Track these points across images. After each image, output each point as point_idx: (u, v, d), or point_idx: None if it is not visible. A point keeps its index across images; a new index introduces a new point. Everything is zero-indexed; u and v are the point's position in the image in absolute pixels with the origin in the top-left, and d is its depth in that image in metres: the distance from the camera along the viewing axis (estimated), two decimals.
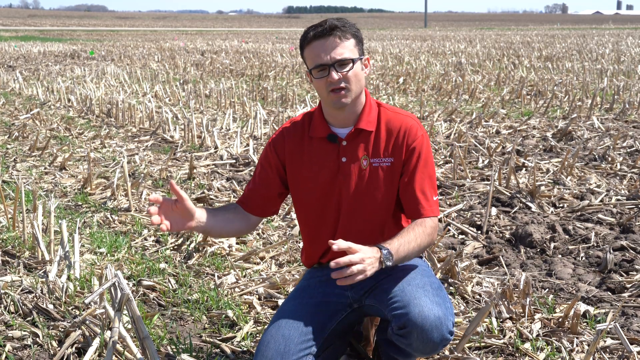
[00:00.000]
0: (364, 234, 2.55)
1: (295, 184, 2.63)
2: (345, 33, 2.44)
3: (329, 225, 2.61)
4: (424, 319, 2.25)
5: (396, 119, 2.55)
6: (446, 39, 38.32)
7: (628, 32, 44.55)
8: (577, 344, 3.00)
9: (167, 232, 2.48)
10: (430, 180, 2.52)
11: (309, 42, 2.45)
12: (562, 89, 12.31)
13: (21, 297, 3.40)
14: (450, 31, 57.03)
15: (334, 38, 2.42)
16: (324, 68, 2.42)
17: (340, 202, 2.57)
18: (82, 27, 73.07)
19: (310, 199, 2.61)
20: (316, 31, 2.43)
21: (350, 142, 2.54)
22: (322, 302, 2.56)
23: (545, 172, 6.22)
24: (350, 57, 2.43)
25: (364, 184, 2.53)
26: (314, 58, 2.44)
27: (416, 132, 2.52)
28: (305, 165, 2.59)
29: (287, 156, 2.61)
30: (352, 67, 2.43)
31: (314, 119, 2.60)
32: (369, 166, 2.53)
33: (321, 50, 2.42)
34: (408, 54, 23.37)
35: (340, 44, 2.42)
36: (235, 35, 48.33)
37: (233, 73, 17.15)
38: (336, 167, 2.55)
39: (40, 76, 16.19)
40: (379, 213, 2.56)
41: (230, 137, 7.97)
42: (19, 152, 7.38)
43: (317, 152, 2.57)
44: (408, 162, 2.51)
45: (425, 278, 2.46)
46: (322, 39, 2.42)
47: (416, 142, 2.51)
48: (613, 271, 3.91)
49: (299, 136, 2.61)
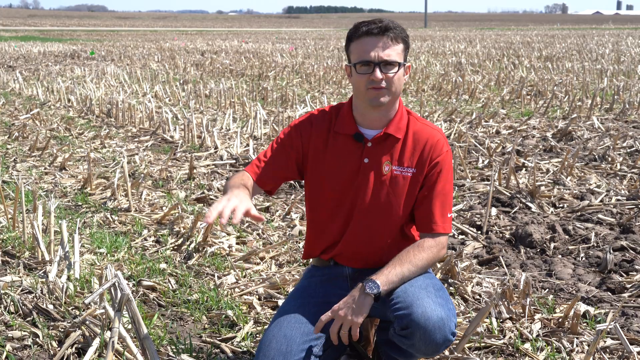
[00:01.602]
0: (373, 238, 2.56)
1: (313, 176, 2.61)
2: (397, 36, 2.44)
3: (339, 224, 2.59)
4: (427, 320, 2.25)
5: (424, 131, 2.54)
6: (446, 39, 38.33)
7: (628, 32, 44.56)
8: (577, 344, 3.00)
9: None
10: (447, 197, 2.53)
11: (359, 37, 2.44)
12: (562, 89, 12.32)
13: (21, 297, 3.40)
14: (450, 31, 57.04)
15: (386, 38, 2.42)
16: (369, 65, 2.41)
17: (355, 202, 2.55)
18: (82, 27, 73.08)
19: (325, 194, 2.59)
20: (369, 27, 2.43)
21: (375, 145, 2.53)
22: (323, 302, 2.56)
23: (545, 172, 6.22)
24: (397, 61, 2.43)
25: (382, 189, 2.52)
26: (361, 53, 2.43)
27: (442, 148, 2.52)
28: (326, 160, 2.57)
29: (311, 145, 2.58)
30: (397, 71, 2.43)
31: (342, 114, 2.58)
32: (390, 172, 2.52)
33: (370, 47, 2.41)
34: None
35: (391, 46, 2.42)
36: (235, 35, 48.33)
37: (233, 73, 17.15)
38: (357, 167, 2.54)
39: (40, 76, 16.19)
40: (391, 221, 2.55)
41: (230, 137, 7.97)
42: (19, 152, 7.38)
43: (341, 148, 2.56)
44: (429, 177, 2.51)
45: (428, 280, 2.47)
46: (374, 36, 2.42)
47: (440, 158, 2.51)
48: (613, 271, 3.92)
49: (325, 128, 2.59)
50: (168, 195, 5.56)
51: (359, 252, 2.59)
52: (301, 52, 25.17)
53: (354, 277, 2.61)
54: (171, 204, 5.13)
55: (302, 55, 23.60)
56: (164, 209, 5.12)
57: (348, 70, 2.51)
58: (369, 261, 2.59)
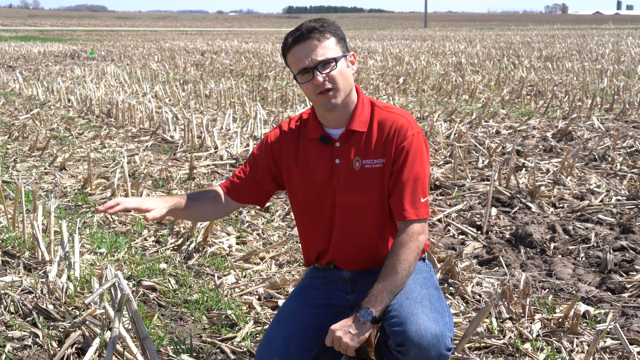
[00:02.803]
0: (360, 236, 2.54)
1: (290, 185, 2.61)
2: (323, 33, 2.40)
3: (323, 229, 2.58)
4: (420, 338, 2.22)
5: (388, 118, 2.49)
6: (446, 39, 38.32)
7: (628, 32, 44.55)
8: (577, 344, 3.00)
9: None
10: (418, 182, 2.44)
11: (289, 48, 2.43)
12: (562, 89, 12.32)
13: (21, 297, 3.40)
14: (450, 31, 57.04)
15: (312, 40, 2.39)
16: (308, 71, 2.39)
17: (335, 204, 2.53)
18: (82, 27, 73.08)
19: (305, 200, 2.59)
20: (294, 36, 2.41)
21: (343, 144, 2.51)
22: (323, 303, 2.56)
23: (545, 172, 6.22)
24: (332, 57, 2.39)
25: (357, 185, 2.49)
26: (296, 63, 2.41)
27: (406, 131, 2.45)
28: (300, 167, 2.56)
29: (282, 156, 2.59)
30: (336, 66, 2.39)
31: (308, 120, 2.58)
32: (361, 167, 2.48)
33: (302, 55, 2.39)
34: (408, 54, 23.37)
35: (320, 44, 2.39)
36: (235, 36, 48.32)
37: (233, 73, 17.15)
38: (330, 168, 2.52)
39: (40, 76, 16.20)
40: (374, 215, 2.51)
41: (230, 137, 7.97)
42: (19, 152, 7.38)
43: (312, 153, 2.55)
44: (396, 162, 2.45)
45: (424, 290, 2.42)
46: (301, 43, 2.39)
47: (405, 142, 2.44)
48: (613, 271, 3.92)
49: (295, 137, 2.59)
50: (168, 195, 5.55)
51: (350, 254, 2.57)
52: None
53: (354, 279, 2.60)
54: None
55: None
56: None
57: (296, 82, 2.50)
58: (364, 262, 2.57)
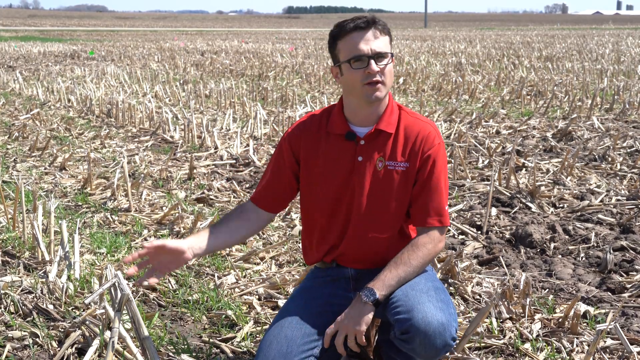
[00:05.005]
0: (371, 237, 2.55)
1: (307, 180, 2.60)
2: (384, 28, 2.45)
3: (337, 226, 2.58)
4: (427, 325, 2.24)
5: (415, 125, 2.53)
6: (446, 39, 38.32)
7: (628, 32, 44.55)
8: (577, 344, 3.00)
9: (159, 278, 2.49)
10: (441, 190, 2.51)
11: (347, 33, 2.43)
12: (562, 89, 12.32)
13: (21, 297, 3.40)
14: (450, 31, 57.03)
15: (374, 30, 2.42)
16: (363, 59, 2.40)
17: (352, 203, 2.54)
18: (82, 27, 73.04)
19: (322, 196, 2.58)
20: (356, 23, 2.43)
21: (368, 142, 2.52)
22: (326, 302, 2.56)
23: (545, 172, 6.22)
24: (388, 52, 2.44)
25: (377, 185, 2.51)
26: (351, 49, 2.41)
27: (433, 140, 2.51)
28: (320, 162, 2.56)
29: (302, 151, 2.59)
30: (389, 63, 2.44)
31: (333, 115, 2.57)
32: (384, 168, 2.51)
33: (362, 42, 2.40)
34: (408, 54, 23.36)
35: (380, 37, 2.43)
36: (235, 36, 48.31)
37: (233, 73, 17.15)
38: (351, 166, 2.53)
39: (40, 76, 16.19)
40: (390, 216, 2.54)
41: (230, 137, 7.97)
42: (19, 152, 7.38)
43: (334, 149, 2.55)
44: (422, 170, 2.50)
45: (429, 282, 2.45)
46: (362, 30, 2.42)
47: (432, 150, 2.49)
48: (613, 271, 3.92)
49: (315, 131, 2.58)
50: (168, 195, 5.56)
51: (360, 252, 2.58)
52: (301, 52, 25.17)
53: (357, 277, 2.60)
54: (171, 204, 5.13)
55: (302, 55, 23.59)
56: (164, 209, 5.12)
57: (335, 71, 2.50)
58: (371, 261, 2.58)
